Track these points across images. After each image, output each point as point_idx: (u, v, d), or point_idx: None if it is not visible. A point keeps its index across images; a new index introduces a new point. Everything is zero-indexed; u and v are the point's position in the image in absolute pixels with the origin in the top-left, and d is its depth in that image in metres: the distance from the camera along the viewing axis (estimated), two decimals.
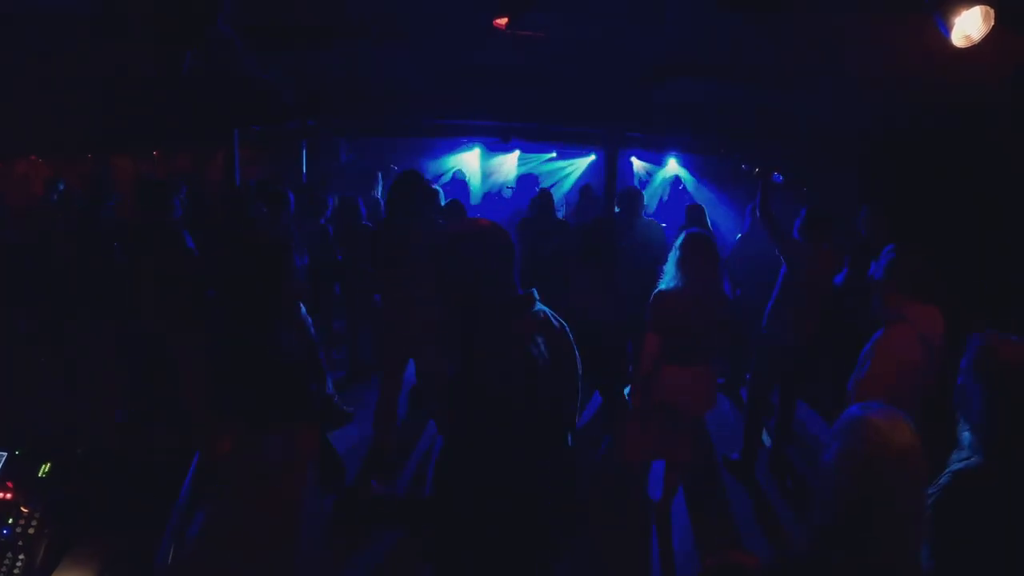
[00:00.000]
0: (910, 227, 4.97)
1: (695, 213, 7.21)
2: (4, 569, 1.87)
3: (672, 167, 11.04)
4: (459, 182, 11.43)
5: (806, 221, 5.10)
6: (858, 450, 1.84)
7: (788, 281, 5.07)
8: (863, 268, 4.68)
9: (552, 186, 11.06)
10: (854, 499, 1.81)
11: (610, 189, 7.01)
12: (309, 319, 5.96)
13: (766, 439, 5.68)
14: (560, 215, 8.59)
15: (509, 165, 12.15)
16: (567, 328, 2.37)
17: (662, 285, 4.29)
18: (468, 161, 11.96)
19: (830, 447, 1.89)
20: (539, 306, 2.31)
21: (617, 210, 6.96)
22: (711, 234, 4.61)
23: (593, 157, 11.62)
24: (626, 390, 5.55)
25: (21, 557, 1.88)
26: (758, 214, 5.22)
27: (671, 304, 4.18)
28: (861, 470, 1.83)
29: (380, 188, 8.96)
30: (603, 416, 6.21)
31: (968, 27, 3.44)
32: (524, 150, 11.83)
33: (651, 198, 10.58)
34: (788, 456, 5.60)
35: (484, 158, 12.08)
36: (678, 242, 4.28)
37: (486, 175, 12.27)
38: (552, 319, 2.33)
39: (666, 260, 4.41)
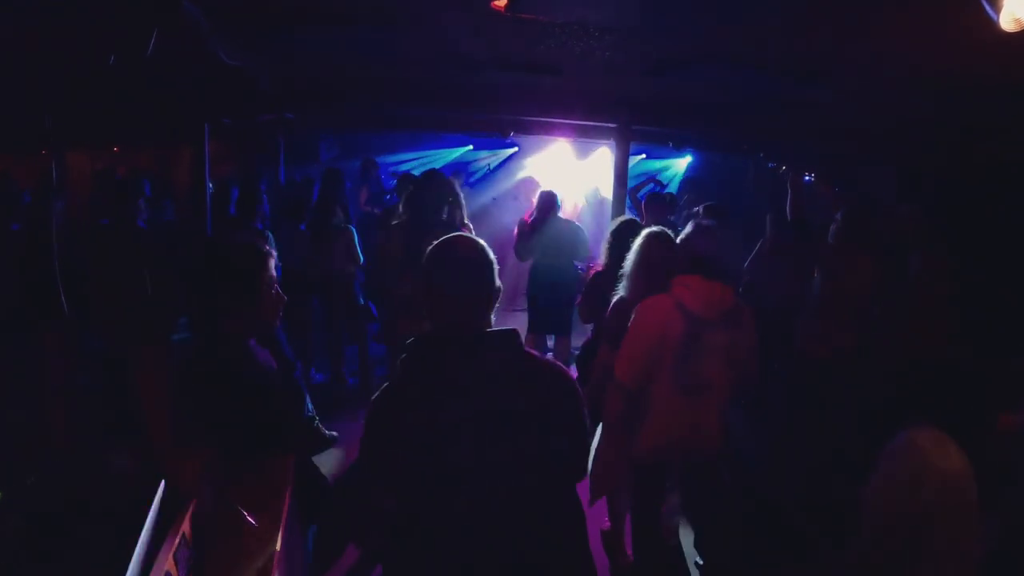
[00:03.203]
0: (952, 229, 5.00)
1: (716, 214, 7.22)
2: None
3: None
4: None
5: (843, 224, 5.10)
6: (901, 473, 1.85)
7: (823, 289, 5.07)
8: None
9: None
10: (896, 525, 1.82)
11: (619, 187, 7.01)
12: (283, 335, 5.98)
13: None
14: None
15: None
16: (563, 375, 2.21)
17: (622, 292, 4.31)
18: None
19: (875, 470, 1.89)
20: (516, 347, 2.16)
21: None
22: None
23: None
24: None
25: None
26: (789, 217, 5.22)
27: (627, 314, 4.15)
28: (903, 494, 1.83)
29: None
30: None
31: (1018, 9, 3.45)
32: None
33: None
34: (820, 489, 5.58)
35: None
36: (637, 243, 4.26)
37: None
38: (536, 363, 2.18)
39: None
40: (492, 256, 2.21)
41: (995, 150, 5.30)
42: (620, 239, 5.05)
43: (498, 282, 2.19)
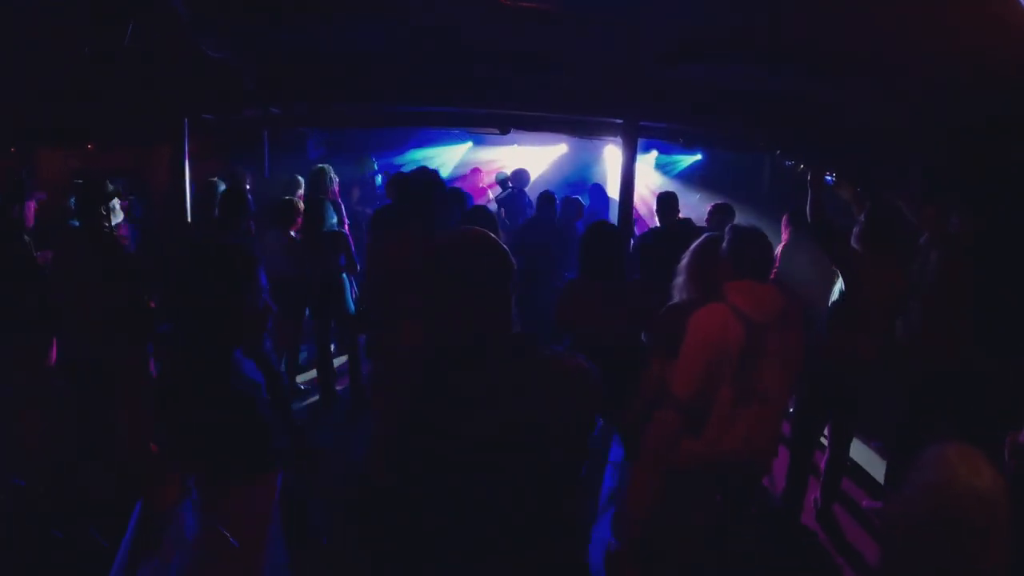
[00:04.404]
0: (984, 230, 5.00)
1: (723, 214, 7.24)
2: None
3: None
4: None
5: (867, 226, 5.09)
6: (929, 489, 1.84)
7: (845, 296, 5.06)
8: None
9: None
10: (923, 542, 1.81)
11: (627, 187, 7.02)
12: (269, 343, 5.97)
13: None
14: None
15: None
16: (590, 373, 2.13)
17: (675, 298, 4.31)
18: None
19: (903, 487, 1.88)
20: (543, 349, 2.12)
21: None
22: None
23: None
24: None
25: None
26: (810, 219, 5.21)
27: (680, 322, 4.15)
28: (931, 511, 1.82)
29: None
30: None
31: None
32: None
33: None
34: (841, 504, 5.58)
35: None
36: (693, 246, 4.28)
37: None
38: (561, 365, 2.12)
39: None
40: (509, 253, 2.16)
41: (1016, 148, 5.29)
42: (593, 244, 5.06)
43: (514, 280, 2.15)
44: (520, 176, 10.72)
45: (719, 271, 3.88)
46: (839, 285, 5.17)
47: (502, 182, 11.39)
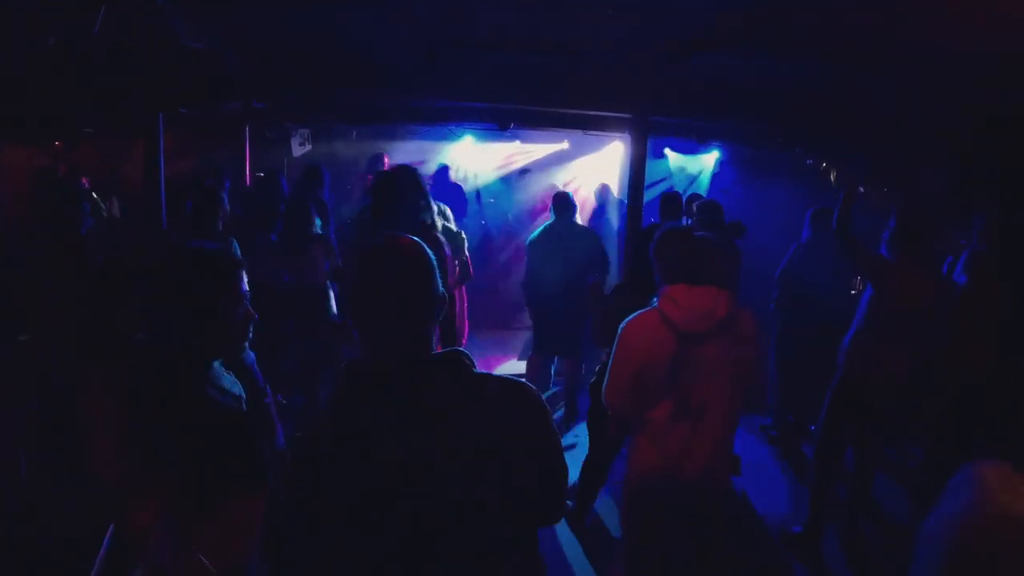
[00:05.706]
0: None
1: (709, 212, 7.25)
2: None
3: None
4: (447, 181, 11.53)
5: (897, 232, 5.08)
6: (965, 513, 1.82)
7: (873, 306, 5.05)
8: None
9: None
10: (958, 569, 1.79)
11: (636, 187, 7.01)
12: (252, 355, 5.96)
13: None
14: None
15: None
16: (523, 393, 2.10)
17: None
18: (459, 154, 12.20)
19: (935, 508, 1.87)
20: (465, 369, 2.06)
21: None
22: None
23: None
24: None
25: None
26: (835, 227, 5.20)
27: None
28: (967, 537, 1.81)
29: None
30: None
31: None
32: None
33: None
34: (865, 530, 5.57)
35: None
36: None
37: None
38: (490, 385, 2.08)
39: None
40: (434, 260, 2.10)
41: None
42: (645, 249, 5.05)
43: (442, 290, 2.10)
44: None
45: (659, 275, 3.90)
46: (865, 294, 5.17)
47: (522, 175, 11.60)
